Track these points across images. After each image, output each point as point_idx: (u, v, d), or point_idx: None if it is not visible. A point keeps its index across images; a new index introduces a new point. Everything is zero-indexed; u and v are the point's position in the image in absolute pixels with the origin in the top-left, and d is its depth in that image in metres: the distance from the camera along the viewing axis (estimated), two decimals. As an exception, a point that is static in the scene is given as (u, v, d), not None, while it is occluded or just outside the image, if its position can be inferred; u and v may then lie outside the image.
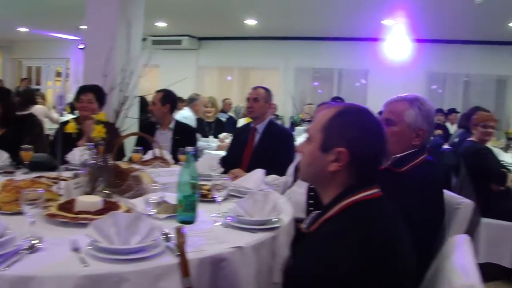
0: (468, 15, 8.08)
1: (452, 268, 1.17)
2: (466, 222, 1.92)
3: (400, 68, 10.26)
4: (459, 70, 10.47)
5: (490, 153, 4.19)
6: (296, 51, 11.03)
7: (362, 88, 10.83)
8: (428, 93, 10.72)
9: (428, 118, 2.06)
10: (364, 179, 1.32)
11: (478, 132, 4.19)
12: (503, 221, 3.96)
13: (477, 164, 4.01)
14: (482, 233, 3.95)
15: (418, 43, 10.17)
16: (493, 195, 4.07)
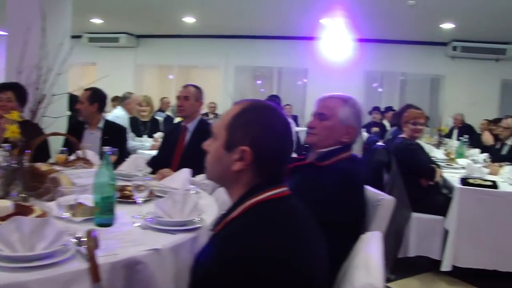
0: (402, 16, 8.35)
1: (356, 267, 1.16)
2: (387, 218, 1.95)
3: (339, 67, 10.45)
4: (395, 69, 10.82)
5: (420, 149, 4.32)
6: (236, 49, 11.04)
7: (302, 87, 10.96)
8: (366, 91, 11.01)
9: (358, 118, 2.13)
10: (270, 178, 1.28)
11: (408, 129, 4.31)
12: (432, 215, 4.10)
13: (407, 160, 4.12)
14: (413, 227, 4.07)
15: (357, 42, 10.40)
16: (423, 190, 4.21)
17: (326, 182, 1.88)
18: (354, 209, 1.90)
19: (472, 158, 5.56)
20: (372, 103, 10.45)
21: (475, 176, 4.19)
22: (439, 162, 5.19)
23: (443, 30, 9.24)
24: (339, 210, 1.83)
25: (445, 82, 10.90)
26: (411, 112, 4.34)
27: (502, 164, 4.73)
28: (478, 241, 3.85)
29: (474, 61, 10.49)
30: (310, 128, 2.14)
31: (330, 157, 2.03)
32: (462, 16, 8.26)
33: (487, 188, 3.87)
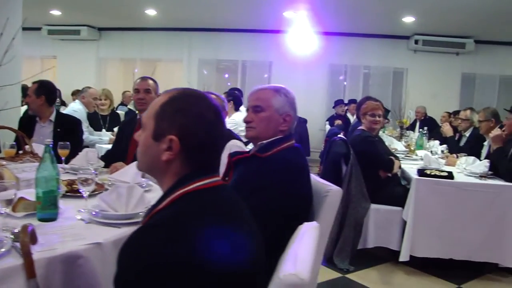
0: (365, 10, 8.43)
1: (285, 257, 1.14)
2: (334, 209, 1.96)
3: (303, 60, 10.47)
4: (359, 62, 10.91)
5: (378, 141, 4.37)
6: (199, 42, 10.94)
7: (266, 80, 10.96)
8: (331, 84, 11.09)
9: (293, 105, 2.16)
10: (200, 167, 1.26)
11: (366, 121, 4.35)
12: (391, 206, 4.16)
13: (365, 152, 4.17)
14: (372, 219, 4.12)
15: (321, 35, 10.44)
16: (382, 181, 4.27)
17: (268, 171, 1.90)
18: (296, 198, 1.90)
19: (430, 150, 5.67)
20: (336, 96, 10.52)
21: (432, 167, 4.27)
22: (399, 154, 5.28)
23: (404, 23, 9.37)
24: (281, 199, 1.84)
25: (407, 75, 11.07)
26: (369, 104, 4.39)
27: (459, 154, 4.82)
28: (434, 231, 3.93)
29: (436, 54, 10.67)
30: (248, 122, 2.14)
31: (272, 147, 2.04)
32: (423, 10, 8.38)
33: (442, 179, 3.95)
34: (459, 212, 3.92)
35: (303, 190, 1.95)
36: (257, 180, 1.88)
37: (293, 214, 1.80)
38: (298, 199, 1.91)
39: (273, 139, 2.07)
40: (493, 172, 4.17)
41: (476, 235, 3.90)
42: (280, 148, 2.04)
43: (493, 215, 3.88)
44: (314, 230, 1.26)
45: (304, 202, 1.95)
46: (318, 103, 10.83)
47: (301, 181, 1.95)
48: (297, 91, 8.89)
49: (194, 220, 1.12)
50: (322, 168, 4.46)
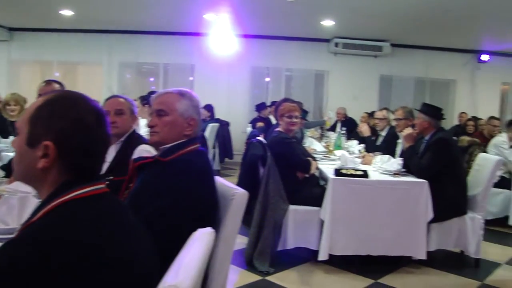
0: (284, 13, 8.54)
1: (172, 266, 1.10)
2: (241, 212, 1.93)
3: (225, 62, 10.48)
4: (281, 65, 11.07)
5: (295, 142, 4.42)
6: (119, 45, 10.65)
7: (189, 83, 10.86)
8: (253, 86, 11.16)
9: (197, 109, 2.14)
10: (80, 175, 1.18)
11: (284, 122, 4.39)
12: (309, 207, 4.20)
13: (282, 153, 4.20)
14: (290, 220, 4.15)
15: (242, 38, 10.49)
16: (300, 182, 4.31)
17: (169, 175, 1.86)
18: (199, 202, 1.86)
19: (348, 150, 5.82)
20: (259, 98, 10.60)
21: (348, 166, 4.37)
22: (318, 155, 5.37)
23: (324, 27, 9.60)
24: (183, 203, 1.80)
25: (328, 77, 11.36)
26: (286, 106, 4.42)
27: (375, 153, 4.97)
28: (351, 229, 4.02)
29: (355, 57, 11.03)
30: (151, 127, 2.08)
31: (175, 151, 2.00)
32: (341, 15, 8.62)
33: (358, 178, 4.05)
34: (374, 209, 4.03)
35: (206, 193, 1.91)
36: (159, 184, 1.83)
37: (196, 218, 1.76)
38: (201, 202, 1.87)
39: (177, 143, 2.03)
40: (406, 169, 4.33)
41: (391, 231, 4.03)
42: (183, 151, 2.00)
43: (406, 210, 4.03)
44: (206, 236, 1.22)
45: (208, 206, 1.91)
46: (241, 105, 10.88)
47: (204, 184, 1.92)
48: (220, 94, 8.99)
49: (62, 234, 1.05)
50: (240, 170, 4.45)
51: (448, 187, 4.18)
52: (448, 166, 4.20)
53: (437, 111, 4.48)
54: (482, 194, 4.33)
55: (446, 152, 4.20)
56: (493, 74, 11.54)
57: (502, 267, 4.38)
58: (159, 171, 1.90)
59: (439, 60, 11.33)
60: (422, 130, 4.46)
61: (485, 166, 4.46)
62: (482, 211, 4.34)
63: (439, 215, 4.07)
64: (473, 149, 6.14)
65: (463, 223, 4.23)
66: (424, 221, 4.02)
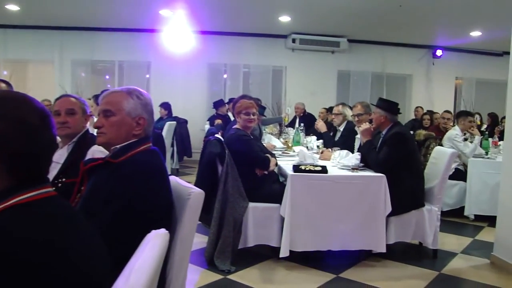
0: (240, 8, 8.53)
1: (123, 271, 1.06)
2: (197, 212, 1.91)
3: (182, 59, 10.41)
4: (239, 61, 11.05)
5: (253, 139, 4.42)
6: (71, 42, 10.38)
7: (145, 81, 10.72)
8: (210, 84, 11.11)
9: (147, 107, 2.08)
10: (25, 179, 1.14)
11: (241, 119, 4.38)
12: (269, 204, 4.21)
13: (239, 151, 4.19)
14: (250, 217, 4.14)
15: (199, 34, 10.42)
16: (259, 179, 4.31)
17: (121, 177, 1.81)
18: (154, 203, 1.83)
19: (307, 145, 5.86)
20: (217, 95, 10.57)
21: (307, 162, 4.39)
22: (277, 151, 5.39)
23: (281, 23, 9.64)
24: (137, 205, 1.77)
25: (286, 73, 11.43)
26: (242, 103, 4.42)
27: (334, 149, 5.01)
28: (311, 225, 4.04)
29: (312, 53, 11.15)
30: (97, 128, 2.03)
31: (126, 152, 1.95)
32: (298, 10, 8.68)
33: (316, 173, 4.08)
34: (334, 204, 4.08)
35: (160, 194, 1.88)
36: (111, 187, 1.78)
37: (152, 221, 1.72)
38: (156, 204, 1.84)
39: (127, 143, 1.99)
40: (364, 164, 4.39)
41: (351, 225, 4.08)
42: (134, 152, 1.96)
43: (365, 204, 4.08)
44: (160, 238, 1.19)
45: (163, 207, 1.88)
46: (198, 102, 10.82)
47: (158, 185, 1.88)
48: (177, 91, 8.89)
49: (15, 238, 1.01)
50: (198, 169, 4.41)
51: (406, 180, 4.27)
52: (405, 159, 4.28)
53: (393, 106, 4.56)
54: (438, 187, 4.44)
55: (402, 146, 4.28)
56: (447, 69, 11.90)
57: (458, 257, 4.52)
58: (110, 174, 1.85)
59: (395, 55, 11.59)
60: (379, 124, 4.53)
61: (441, 159, 4.58)
62: (438, 203, 4.46)
63: (397, 208, 4.15)
64: (429, 143, 6.30)
65: (421, 215, 4.33)
66: (382, 214, 4.08)
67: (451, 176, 5.64)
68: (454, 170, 6.03)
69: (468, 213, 5.88)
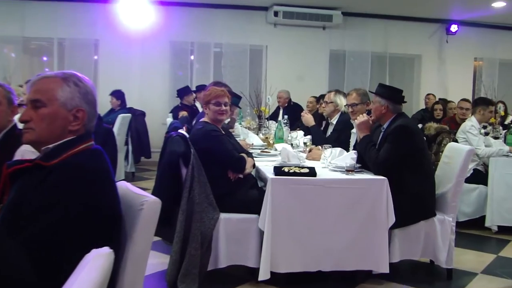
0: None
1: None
2: (152, 225, 1.91)
3: (138, 37, 10.33)
4: (208, 39, 10.99)
5: (225, 135, 4.41)
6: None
7: (92, 63, 10.61)
8: (174, 67, 11.05)
9: (87, 96, 2.05)
10: None
11: (210, 111, 4.38)
12: (245, 214, 4.21)
13: (208, 149, 4.19)
14: (222, 232, 4.13)
15: (159, 6, 10.35)
16: (232, 184, 4.31)
17: (54, 184, 1.79)
18: (95, 215, 1.81)
19: (291, 142, 5.87)
20: (183, 82, 10.52)
21: (291, 163, 4.40)
22: (255, 150, 5.39)
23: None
24: (74, 218, 1.75)
25: (267, 53, 11.43)
26: (212, 91, 4.41)
27: (324, 146, 4.99)
28: (297, 241, 4.05)
29: (299, 28, 11.18)
30: (24, 122, 1.99)
31: (60, 153, 1.94)
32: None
33: (303, 177, 4.09)
34: (324, 215, 4.09)
35: (104, 203, 1.86)
36: (41, 196, 1.76)
37: (92, 237, 1.71)
38: (98, 216, 1.82)
39: (62, 142, 1.97)
40: (361, 164, 4.41)
41: (345, 240, 4.10)
42: (71, 152, 1.94)
43: (362, 214, 4.10)
44: (102, 258, 1.18)
45: (107, 220, 1.86)
46: (159, 90, 10.78)
47: (101, 193, 1.87)
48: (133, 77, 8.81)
49: None
50: (157, 173, 4.40)
51: (412, 185, 4.30)
52: (411, 158, 4.31)
53: (396, 93, 4.60)
54: (452, 192, 4.48)
55: (408, 141, 4.31)
56: (464, 48, 12.00)
57: (478, 278, 4.58)
58: (41, 179, 1.83)
59: (400, 32, 11.67)
60: (379, 116, 4.56)
61: (455, 158, 4.61)
62: (453, 212, 4.51)
63: (403, 219, 4.17)
64: (442, 138, 6.35)
65: (431, 227, 4.37)
66: (384, 227, 4.10)
67: (468, 178, 5.69)
68: (472, 172, 6.10)
69: (490, 224, 5.93)
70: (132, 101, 9.46)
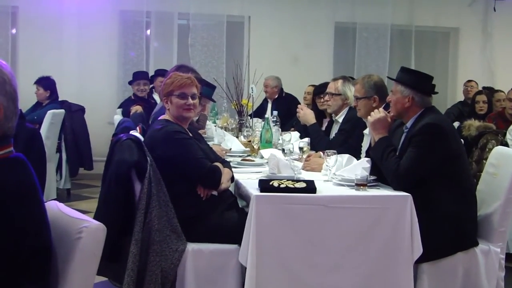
0: None
1: None
2: (94, 259, 1.94)
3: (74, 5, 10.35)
4: (171, 7, 11.00)
5: (193, 138, 4.41)
6: None
7: (8, 40, 10.55)
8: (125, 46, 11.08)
9: (4, 87, 2.08)
10: None
11: (173, 105, 4.35)
12: (219, 244, 4.24)
13: (171, 158, 4.18)
14: (190, 267, 4.12)
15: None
16: (203, 204, 4.31)
17: None
18: (11, 246, 1.84)
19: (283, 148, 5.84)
20: (136, 66, 10.50)
21: (283, 175, 4.41)
22: (235, 157, 5.40)
23: None
24: None
25: (250, 28, 11.43)
26: (175, 78, 4.40)
27: (327, 152, 4.98)
28: (290, 277, 4.05)
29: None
30: None
31: None
32: None
33: (297, 193, 4.10)
34: (327, 243, 4.09)
35: (27, 231, 1.89)
36: None
37: (10, 276, 1.74)
38: (17, 248, 1.85)
39: None
40: (376, 176, 4.42)
41: (356, 279, 4.11)
42: None
43: (379, 243, 4.11)
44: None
45: (32, 253, 1.89)
46: (104, 78, 10.74)
47: (22, 217, 1.89)
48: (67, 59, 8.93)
49: None
50: (101, 189, 4.38)
51: (446, 203, 4.32)
52: (444, 168, 4.33)
53: (425, 80, 4.62)
54: (500, 213, 4.50)
55: (439, 146, 4.33)
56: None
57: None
58: None
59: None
60: (401, 111, 4.55)
61: (504, 167, 4.63)
62: (501, 240, 4.53)
63: (433, 249, 4.20)
64: (486, 141, 6.36)
65: (472, 260, 4.39)
66: (408, 260, 4.12)
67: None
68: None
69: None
70: (67, 92, 9.46)
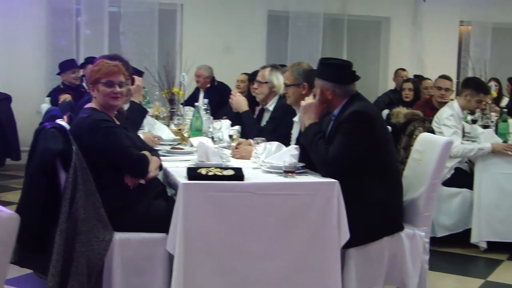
0: None
1: None
2: (6, 250, 1.93)
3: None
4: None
5: (119, 127, 4.37)
6: None
7: None
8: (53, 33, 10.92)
9: None
10: None
11: (100, 93, 4.25)
12: (148, 233, 4.25)
13: (97, 147, 4.14)
14: (117, 258, 4.09)
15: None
16: (131, 194, 4.28)
17: None
18: None
19: (212, 136, 5.82)
20: (65, 54, 10.34)
21: (211, 163, 4.41)
22: (164, 145, 5.39)
23: None
24: None
25: (183, 15, 11.38)
26: (102, 66, 4.36)
27: (257, 139, 4.98)
28: (218, 267, 4.05)
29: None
30: None
31: None
32: None
33: (225, 181, 4.10)
34: (255, 231, 4.10)
35: None
36: None
37: None
38: None
39: None
40: (305, 163, 4.43)
41: (284, 266, 4.12)
42: None
43: (306, 230, 4.14)
44: None
45: None
46: (31, 65, 10.60)
47: None
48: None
49: None
50: (24, 179, 4.31)
51: (372, 190, 4.37)
52: (371, 155, 4.37)
53: (343, 71, 4.62)
54: (425, 197, 4.57)
55: (366, 132, 4.36)
56: (446, 9, 12.18)
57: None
58: None
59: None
60: (326, 103, 4.58)
61: (429, 153, 4.71)
62: (426, 224, 4.62)
63: (360, 235, 4.24)
64: (414, 128, 6.38)
65: (398, 245, 4.45)
66: (336, 246, 4.15)
67: (448, 180, 5.83)
68: (453, 172, 6.17)
69: (477, 239, 6.04)
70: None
